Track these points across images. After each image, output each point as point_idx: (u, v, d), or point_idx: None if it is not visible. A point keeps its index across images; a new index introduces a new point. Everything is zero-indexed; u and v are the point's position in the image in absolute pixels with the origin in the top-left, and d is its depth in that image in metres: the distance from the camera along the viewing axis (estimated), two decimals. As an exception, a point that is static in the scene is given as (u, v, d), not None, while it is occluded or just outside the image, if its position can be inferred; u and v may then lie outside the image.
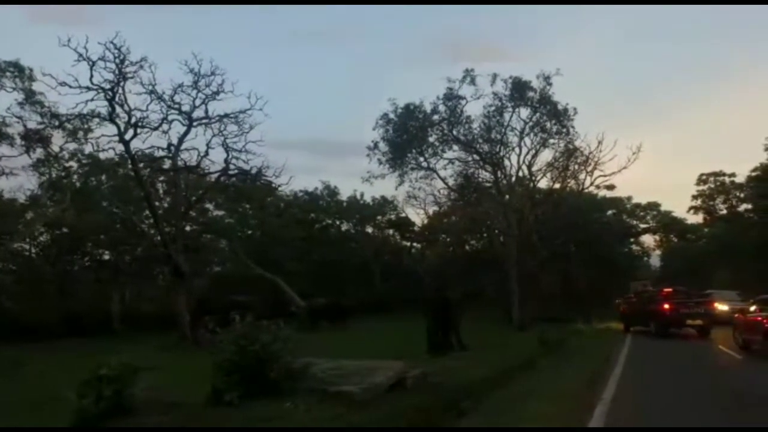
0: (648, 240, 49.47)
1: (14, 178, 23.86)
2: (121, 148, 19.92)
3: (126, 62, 18.44)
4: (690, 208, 46.01)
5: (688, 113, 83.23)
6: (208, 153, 21.72)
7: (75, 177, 26.89)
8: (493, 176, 29.44)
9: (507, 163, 29.30)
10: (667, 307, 18.89)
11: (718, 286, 27.38)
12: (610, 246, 40.60)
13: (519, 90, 27.58)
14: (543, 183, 30.57)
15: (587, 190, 31.00)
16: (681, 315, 18.80)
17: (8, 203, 25.88)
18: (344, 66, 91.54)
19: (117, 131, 19.23)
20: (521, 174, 29.49)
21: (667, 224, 47.95)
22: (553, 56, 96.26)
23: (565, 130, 28.35)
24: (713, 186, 44.64)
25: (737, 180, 42.17)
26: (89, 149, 23.77)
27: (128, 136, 19.45)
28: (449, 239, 42.26)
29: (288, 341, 7.30)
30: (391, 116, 28.62)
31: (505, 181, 29.21)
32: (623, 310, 25.15)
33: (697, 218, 46.52)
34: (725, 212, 43.82)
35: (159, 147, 21.80)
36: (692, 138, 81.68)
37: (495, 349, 14.06)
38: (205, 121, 21.31)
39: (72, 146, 24.03)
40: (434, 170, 30.07)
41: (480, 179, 31.23)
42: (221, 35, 76.52)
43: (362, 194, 43.46)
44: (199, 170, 22.63)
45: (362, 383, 7.13)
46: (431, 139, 29.17)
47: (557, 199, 30.35)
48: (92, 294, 30.05)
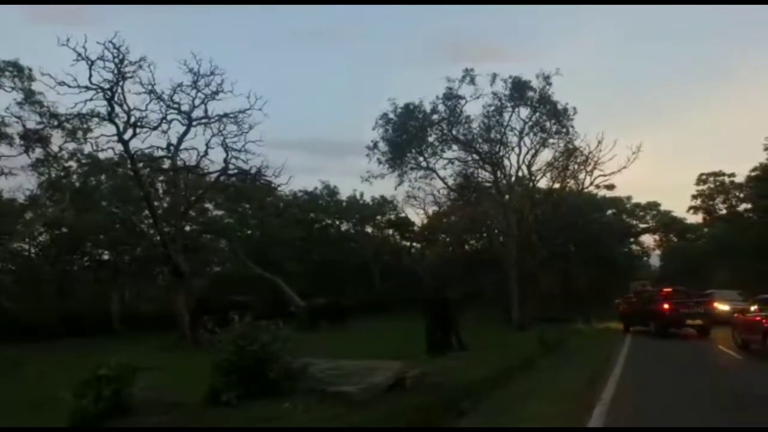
0: (648, 240, 49.56)
1: (13, 178, 23.95)
2: (121, 148, 19.94)
3: (125, 62, 18.46)
4: (690, 208, 46.05)
5: (688, 113, 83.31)
6: (208, 153, 21.80)
7: (74, 177, 26.91)
8: (493, 176, 29.41)
9: (507, 163, 29.31)
10: (667, 307, 18.88)
11: (718, 286, 27.35)
12: (610, 246, 40.56)
13: (519, 90, 27.54)
14: (543, 183, 30.56)
15: (587, 190, 31.02)
16: (681, 315, 18.79)
17: (7, 203, 25.86)
18: (344, 66, 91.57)
19: (116, 131, 19.24)
20: (521, 174, 29.49)
21: (667, 224, 47.93)
22: (553, 56, 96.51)
23: (565, 130, 28.35)
24: (713, 186, 44.58)
25: (737, 180, 42.17)
26: (88, 149, 23.86)
27: (127, 136, 19.47)
28: (449, 239, 42.24)
29: (287, 341, 7.30)
30: (391, 116, 28.60)
31: (505, 181, 29.18)
32: (623, 310, 25.12)
33: (697, 218, 46.57)
34: (725, 212, 43.75)
35: (158, 147, 21.84)
36: (692, 138, 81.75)
37: (494, 349, 14.04)
38: (205, 121, 21.33)
39: (71, 146, 24.14)
40: (434, 170, 30.05)
41: (479, 179, 31.22)
42: (221, 35, 76.52)
43: (362, 194, 43.51)
44: (199, 170, 22.64)
45: (361, 383, 7.12)
46: (431, 139, 29.15)
47: (557, 199, 30.30)
48: (92, 294, 30.04)
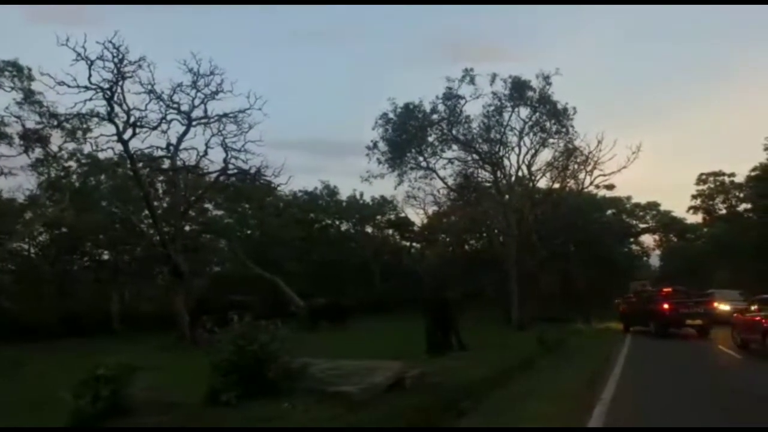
0: (647, 240, 49.51)
1: (13, 178, 23.93)
2: (120, 148, 19.95)
3: (125, 62, 18.48)
4: (689, 208, 46.02)
5: (688, 113, 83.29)
6: (207, 153, 21.83)
7: (74, 177, 26.88)
8: (493, 176, 29.42)
9: (506, 163, 29.33)
10: (667, 307, 18.88)
11: (718, 286, 27.33)
12: (610, 246, 40.54)
13: (518, 89, 27.54)
14: (542, 183, 30.58)
15: (587, 190, 31.05)
16: (680, 315, 18.80)
17: (7, 203, 25.85)
18: (344, 66, 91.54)
19: (116, 131, 19.25)
20: (521, 174, 29.50)
21: (667, 224, 47.90)
22: (553, 56, 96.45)
23: (565, 130, 28.37)
24: (713, 186, 44.56)
25: (737, 180, 42.15)
26: (88, 149, 23.83)
27: (127, 136, 19.49)
28: (449, 239, 42.21)
29: (285, 341, 7.28)
30: (391, 116, 28.63)
31: (505, 181, 29.17)
32: (623, 310, 25.11)
33: (697, 218, 46.53)
34: (725, 212, 43.73)
35: (158, 147, 21.86)
36: (692, 138, 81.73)
37: (494, 349, 14.02)
38: (204, 121, 21.35)
39: (71, 146, 24.11)
40: (433, 170, 30.07)
41: (479, 179, 31.23)
42: (221, 35, 76.47)
43: (362, 194, 43.52)
44: (198, 170, 22.65)
45: (361, 383, 7.11)
46: (430, 139, 29.18)
47: (557, 199, 30.29)
48: (91, 294, 30.04)
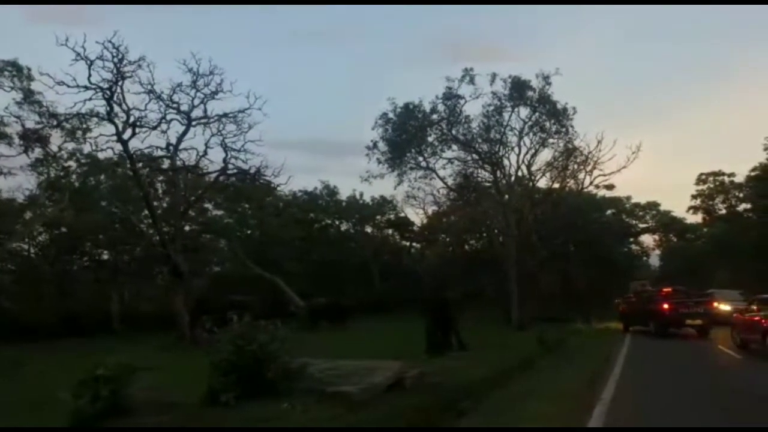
0: (647, 240, 49.53)
1: (13, 178, 23.92)
2: (120, 148, 19.91)
3: (124, 61, 18.44)
4: (689, 208, 46.04)
5: (688, 113, 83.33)
6: (207, 152, 21.80)
7: (74, 177, 26.86)
8: (493, 176, 29.39)
9: (506, 163, 29.31)
10: (667, 307, 18.86)
11: (718, 286, 27.32)
12: (610, 246, 40.53)
13: (518, 89, 27.53)
14: (542, 183, 30.57)
15: (586, 190, 31.04)
16: (680, 315, 18.78)
17: (7, 203, 25.82)
18: (344, 66, 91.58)
19: (115, 131, 19.22)
20: (520, 174, 29.48)
21: (667, 224, 47.91)
22: (553, 56, 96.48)
23: (565, 130, 28.35)
24: (713, 186, 44.57)
25: (736, 180, 42.17)
26: (88, 149, 23.79)
27: (126, 136, 19.46)
28: (448, 239, 42.19)
29: (285, 341, 7.27)
30: (390, 116, 28.61)
31: (505, 181, 29.15)
32: (622, 310, 25.10)
33: (697, 218, 46.55)
34: (724, 212, 43.73)
35: (158, 146, 21.84)
36: (692, 138, 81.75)
37: (494, 349, 14.02)
38: (204, 121, 21.32)
39: (70, 146, 24.09)
40: (433, 170, 30.06)
41: (479, 179, 31.20)
42: (221, 35, 76.49)
43: (361, 194, 43.51)
44: (198, 170, 22.65)
45: (360, 383, 7.10)
46: (430, 139, 29.17)
47: (556, 199, 30.27)
48: (91, 294, 30.03)
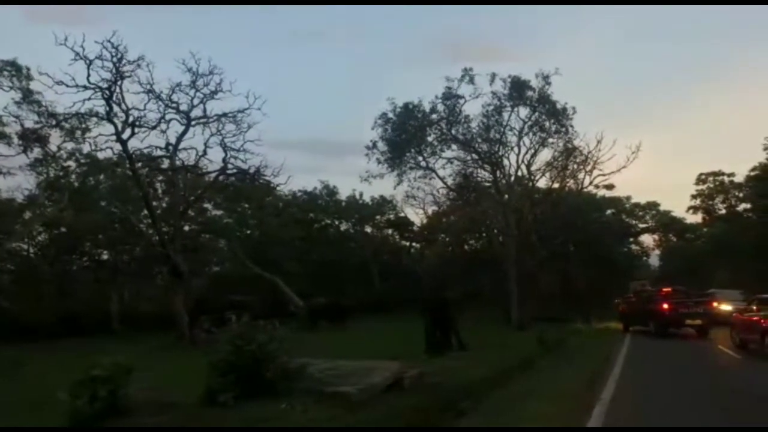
0: (647, 240, 49.53)
1: (12, 178, 23.92)
2: (119, 148, 19.89)
3: (123, 61, 18.41)
4: (689, 208, 46.04)
5: (688, 113, 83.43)
6: (206, 152, 21.80)
7: (73, 176, 26.86)
8: (492, 176, 29.36)
9: (506, 163, 29.26)
10: (667, 307, 18.86)
11: (718, 286, 27.31)
12: (610, 246, 40.52)
13: (518, 89, 27.49)
14: (542, 182, 30.54)
15: (586, 190, 31.04)
16: (680, 315, 18.77)
17: (6, 203, 25.79)
18: (344, 66, 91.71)
19: (114, 130, 19.20)
20: (520, 173, 29.42)
21: (666, 224, 47.90)
22: (553, 56, 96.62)
23: (564, 130, 28.32)
24: (712, 186, 44.57)
25: (736, 180, 42.16)
26: (87, 148, 23.77)
27: (126, 136, 19.44)
28: (448, 239, 42.17)
29: (284, 341, 7.26)
30: (390, 115, 28.57)
31: (504, 181, 29.12)
32: (622, 310, 25.09)
33: (696, 218, 46.55)
34: (724, 212, 43.73)
35: (157, 146, 21.80)
36: (692, 138, 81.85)
37: (494, 349, 14.01)
38: (203, 121, 21.30)
39: (70, 146, 24.10)
40: (433, 170, 30.01)
41: (479, 179, 31.16)
42: (221, 35, 76.57)
43: (361, 194, 43.46)
44: (197, 170, 22.63)
45: (359, 383, 7.09)
46: (430, 139, 29.12)
47: (556, 199, 30.24)
48: (91, 294, 30.01)
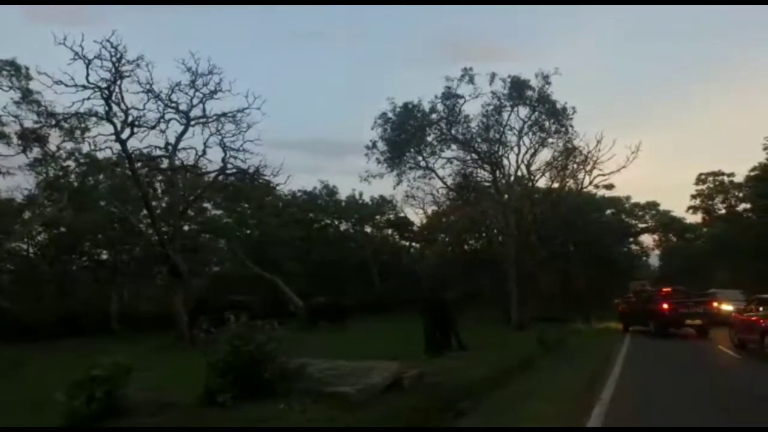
0: (647, 240, 49.54)
1: (11, 178, 23.89)
2: (119, 148, 19.84)
3: (123, 61, 18.38)
4: (689, 208, 46.03)
5: (688, 113, 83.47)
6: (206, 152, 21.79)
7: (72, 176, 26.83)
8: (492, 176, 29.35)
9: (506, 163, 29.25)
10: (666, 307, 18.84)
11: (718, 286, 27.26)
12: (609, 246, 40.51)
13: (518, 89, 27.47)
14: (542, 182, 30.52)
15: (586, 190, 31.02)
16: (680, 315, 18.75)
17: (5, 203, 25.78)
18: (344, 66, 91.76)
19: (114, 130, 19.16)
20: (520, 173, 29.40)
21: (666, 224, 47.90)
22: (553, 56, 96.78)
23: (564, 130, 28.30)
24: (712, 186, 44.56)
25: (736, 180, 42.16)
26: (86, 148, 23.72)
27: (125, 135, 19.41)
28: (448, 239, 42.11)
29: (283, 341, 7.24)
30: (390, 115, 28.56)
31: (504, 181, 29.11)
32: (622, 310, 25.07)
33: (696, 218, 46.55)
34: (724, 212, 43.73)
35: (156, 146, 21.75)
36: (692, 138, 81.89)
37: (494, 349, 14.00)
38: (203, 120, 21.27)
39: (69, 145, 24.05)
40: (433, 170, 29.98)
41: (478, 179, 31.14)
42: (220, 35, 76.58)
43: (361, 194, 43.48)
44: (197, 169, 22.61)
45: (358, 384, 7.07)
46: (429, 138, 29.11)
47: (556, 199, 30.20)
48: (90, 294, 30.02)
